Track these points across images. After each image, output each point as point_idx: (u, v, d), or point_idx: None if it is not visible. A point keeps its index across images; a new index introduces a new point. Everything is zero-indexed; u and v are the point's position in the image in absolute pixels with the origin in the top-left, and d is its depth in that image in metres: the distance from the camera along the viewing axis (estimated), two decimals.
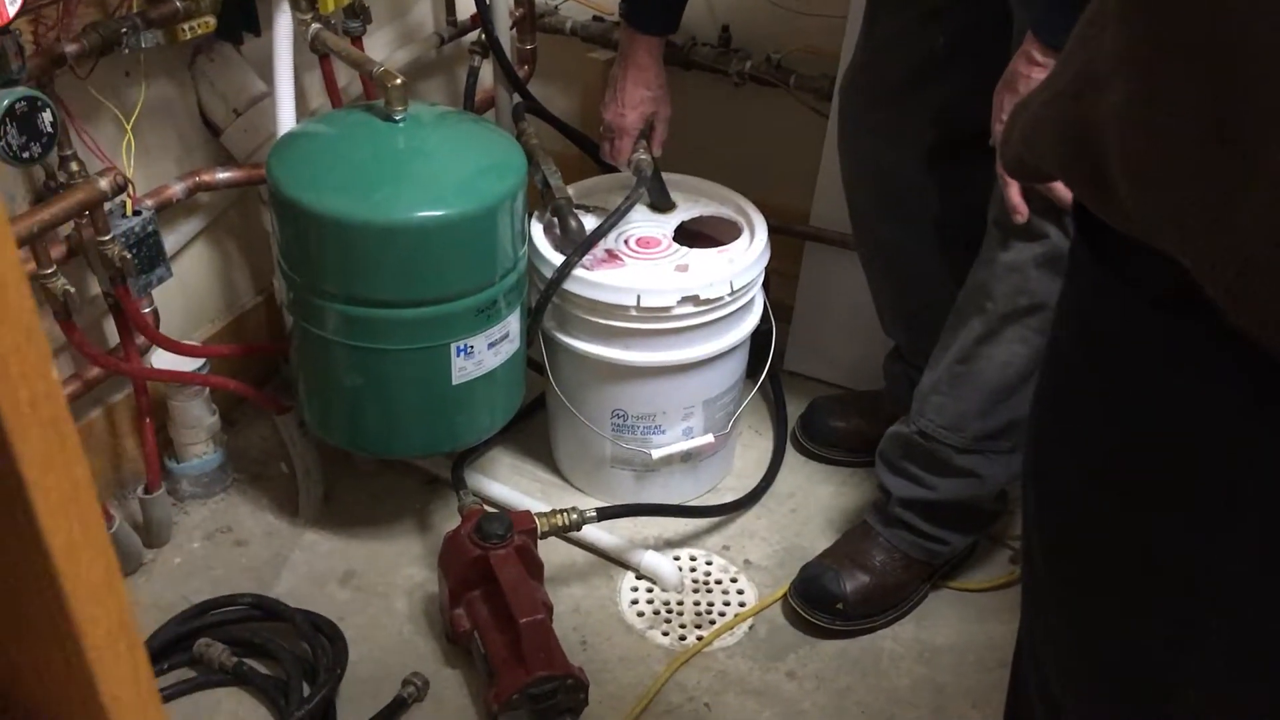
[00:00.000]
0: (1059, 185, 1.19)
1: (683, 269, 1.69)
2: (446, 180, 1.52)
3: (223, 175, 1.77)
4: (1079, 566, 0.76)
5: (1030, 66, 1.29)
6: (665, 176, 1.85)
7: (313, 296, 1.52)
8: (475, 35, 2.08)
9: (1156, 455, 0.66)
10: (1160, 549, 0.68)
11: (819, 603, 1.64)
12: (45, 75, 1.46)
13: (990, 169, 1.37)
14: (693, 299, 1.63)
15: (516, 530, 1.55)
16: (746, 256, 1.70)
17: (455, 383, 1.57)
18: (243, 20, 1.71)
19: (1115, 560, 0.72)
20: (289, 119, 1.64)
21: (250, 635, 1.58)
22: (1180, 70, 0.55)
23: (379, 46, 2.07)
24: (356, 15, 1.85)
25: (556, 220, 1.72)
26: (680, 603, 1.71)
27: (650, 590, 1.72)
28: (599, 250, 1.71)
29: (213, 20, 1.58)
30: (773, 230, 1.84)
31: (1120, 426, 0.68)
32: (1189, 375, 0.63)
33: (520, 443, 1.96)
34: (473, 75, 2.05)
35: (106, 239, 1.48)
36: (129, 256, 1.50)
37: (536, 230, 1.74)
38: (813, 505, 1.88)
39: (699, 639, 1.65)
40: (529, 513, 1.61)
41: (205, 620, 1.59)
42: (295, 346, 1.63)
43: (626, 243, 1.75)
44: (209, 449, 1.81)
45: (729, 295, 1.65)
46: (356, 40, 1.88)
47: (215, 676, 1.55)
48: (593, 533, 1.73)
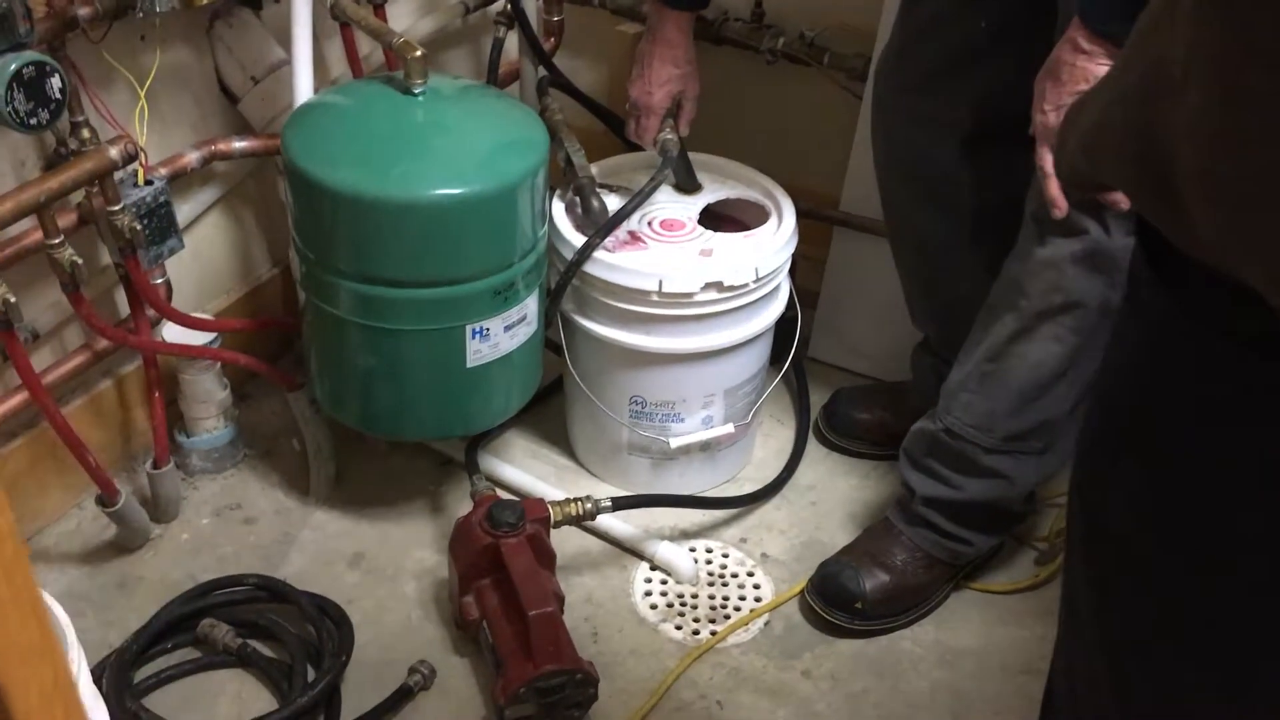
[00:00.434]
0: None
1: (707, 253, 1.64)
2: (466, 157, 1.48)
3: (239, 144, 1.73)
4: (1128, 614, 0.71)
5: (1075, 54, 1.23)
6: (692, 156, 1.80)
7: (325, 273, 1.49)
8: (501, 5, 2.02)
9: (1233, 516, 0.61)
10: (1226, 610, 0.63)
11: (837, 601, 1.60)
12: (57, 39, 1.42)
13: (1029, 159, 1.32)
14: (716, 285, 1.58)
15: (529, 519, 1.51)
16: (773, 242, 1.65)
17: (469, 366, 1.53)
18: None
19: (1171, 615, 0.67)
20: (306, 89, 1.59)
21: (255, 617, 1.55)
22: (1265, 73, 0.49)
23: (402, 15, 2.02)
24: None
25: (579, 200, 1.67)
26: (695, 596, 1.67)
27: (665, 582, 1.68)
28: (621, 232, 1.66)
29: None
30: (801, 214, 1.79)
31: (1192, 482, 0.63)
32: (1274, 427, 0.57)
33: (537, 426, 1.92)
34: (497, 47, 2.00)
35: (117, 209, 1.44)
36: (139, 227, 1.46)
37: (558, 209, 1.69)
38: (834, 499, 1.84)
39: (713, 634, 1.61)
40: (542, 501, 1.57)
41: (210, 600, 1.56)
42: (307, 323, 1.59)
43: (650, 225, 1.70)
44: (220, 424, 1.78)
45: (754, 282, 1.60)
46: (379, 9, 1.84)
47: (219, 658, 1.52)
48: (607, 521, 1.69)
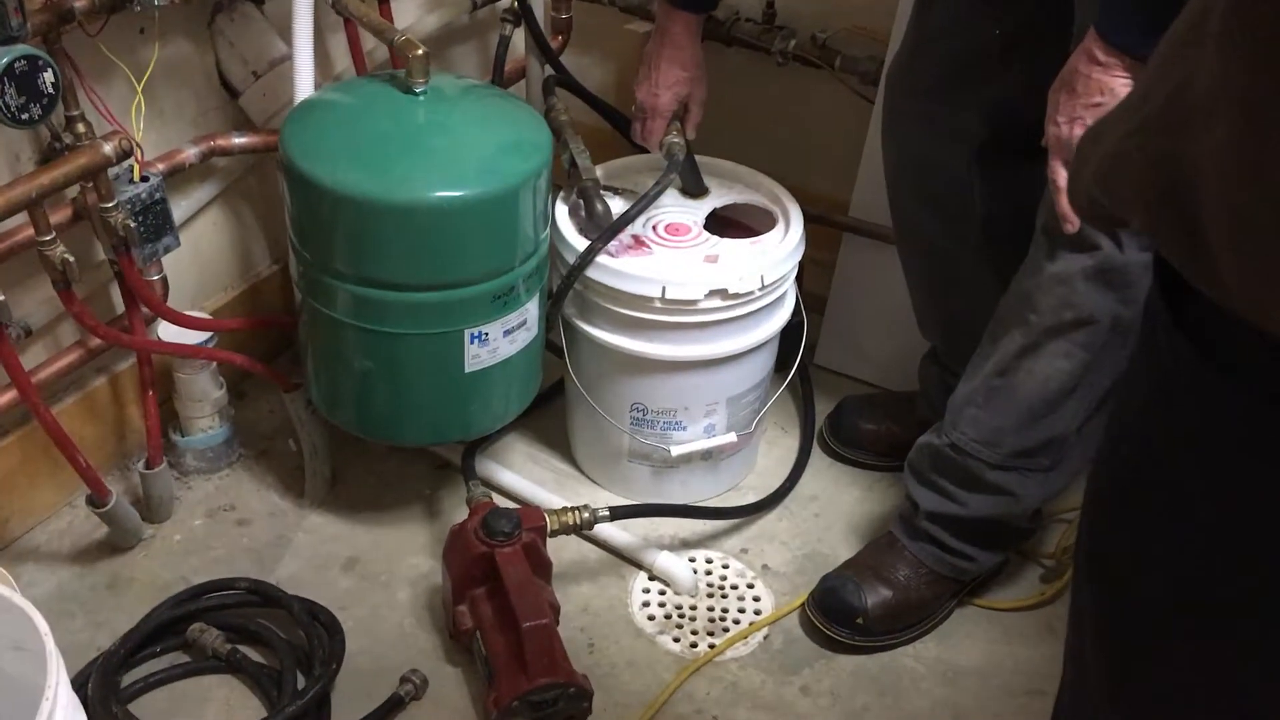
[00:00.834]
0: None
1: (712, 260, 1.61)
2: (467, 158, 1.45)
3: (239, 140, 1.70)
4: (1138, 671, 0.67)
5: (1091, 66, 1.20)
6: (699, 159, 1.76)
7: (323, 275, 1.46)
8: (508, 1, 1.99)
9: (1254, 577, 0.58)
10: (1242, 672, 0.60)
11: (838, 616, 1.57)
12: (52, 32, 1.39)
13: (1042, 170, 1.29)
14: (721, 292, 1.55)
15: (525, 528, 1.48)
16: (780, 250, 1.62)
17: (468, 370, 1.51)
18: None
19: (1184, 678, 0.64)
20: (307, 85, 1.57)
21: (246, 622, 1.53)
22: None
23: (409, 9, 1.99)
24: None
25: (582, 203, 1.64)
26: (693, 607, 1.64)
27: (663, 593, 1.65)
28: (625, 236, 1.63)
29: None
30: (810, 219, 1.76)
31: (1207, 539, 0.59)
32: None
33: (537, 429, 1.89)
34: (503, 44, 1.97)
35: (110, 206, 1.42)
36: (133, 225, 1.44)
37: (561, 212, 1.66)
38: (837, 510, 1.81)
39: (711, 647, 1.58)
40: (539, 509, 1.54)
41: (200, 604, 1.54)
42: (303, 324, 1.56)
43: (655, 229, 1.67)
44: (215, 423, 1.75)
45: (759, 290, 1.57)
46: (384, 3, 1.81)
47: (208, 663, 1.50)
48: (606, 529, 1.67)
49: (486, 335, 1.49)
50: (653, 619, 1.62)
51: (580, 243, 1.59)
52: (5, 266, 1.47)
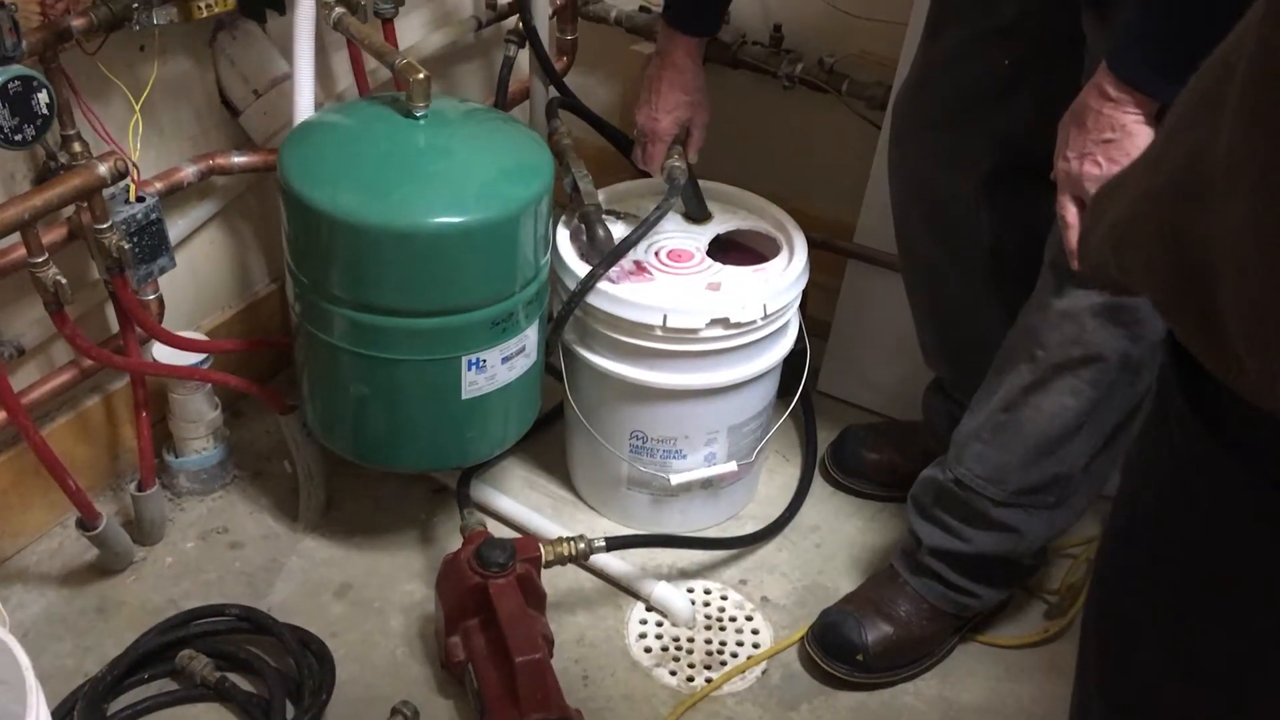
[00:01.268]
0: None
1: (714, 287, 1.59)
2: (467, 183, 1.43)
3: (238, 159, 1.69)
4: None
5: (1102, 101, 1.18)
6: (703, 184, 1.74)
7: (319, 299, 1.44)
8: (513, 21, 1.97)
9: (1273, 670, 0.55)
10: None
11: (838, 652, 1.55)
12: (49, 50, 1.37)
13: (1050, 203, 1.26)
14: (722, 321, 1.53)
15: (519, 558, 1.46)
16: (783, 278, 1.60)
17: (465, 397, 1.49)
18: None
19: None
20: (307, 106, 1.55)
21: (235, 649, 1.50)
22: None
23: (414, 28, 1.97)
24: None
25: (584, 227, 1.62)
26: (691, 640, 1.61)
27: (660, 624, 1.63)
28: (627, 262, 1.61)
29: None
30: (815, 245, 1.74)
31: (1220, 626, 0.57)
32: None
33: (536, 454, 1.86)
34: (507, 65, 1.95)
35: (104, 227, 1.40)
36: (127, 247, 1.42)
37: (562, 237, 1.64)
38: (838, 541, 1.78)
39: (708, 681, 1.56)
40: (534, 539, 1.52)
41: (190, 630, 1.51)
42: (299, 347, 1.54)
43: (657, 255, 1.65)
44: (209, 444, 1.73)
45: (761, 319, 1.55)
46: (388, 23, 1.79)
47: (196, 690, 1.47)
48: (603, 558, 1.64)
49: (484, 362, 1.47)
50: (649, 651, 1.59)
51: (581, 268, 1.57)
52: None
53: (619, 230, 1.64)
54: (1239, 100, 0.46)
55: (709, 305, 1.53)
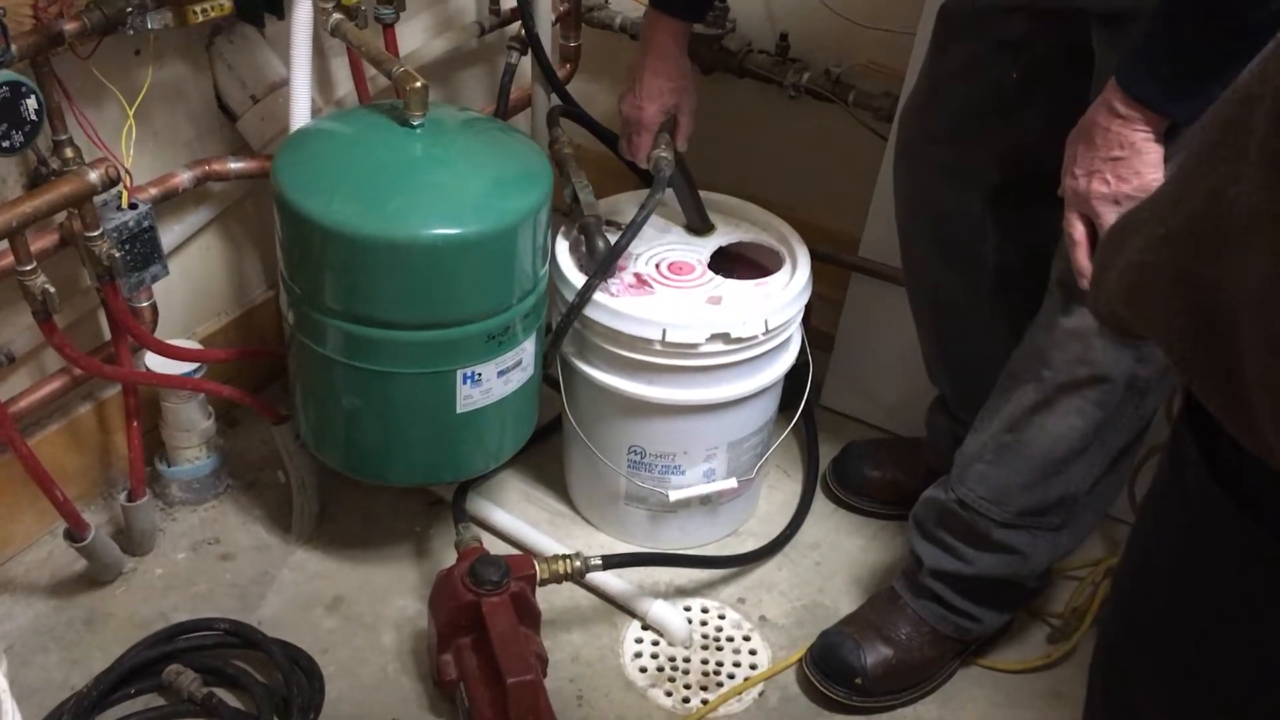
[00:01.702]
0: None
1: (715, 301, 1.56)
2: (464, 194, 1.40)
3: (235, 165, 1.67)
4: None
5: (1111, 118, 1.15)
6: (706, 195, 1.72)
7: (312, 310, 1.41)
8: (517, 28, 1.95)
9: None
10: None
11: (836, 675, 1.52)
12: (40, 55, 1.35)
13: (1057, 220, 1.24)
14: (723, 336, 1.50)
15: (514, 576, 1.43)
16: (785, 293, 1.57)
17: (460, 411, 1.46)
18: (265, 1, 1.59)
19: None
20: (303, 113, 1.53)
21: (223, 664, 1.48)
22: None
23: (416, 33, 1.95)
24: (389, 1, 1.72)
25: (583, 239, 1.59)
26: (687, 660, 1.58)
27: (656, 643, 1.60)
28: (627, 275, 1.59)
29: (228, 2, 1.47)
30: (819, 258, 1.71)
31: (1228, 698, 0.54)
32: None
33: (534, 466, 1.84)
34: (509, 72, 1.92)
35: (95, 235, 1.38)
36: (118, 255, 1.39)
37: (562, 248, 1.61)
38: (839, 559, 1.75)
39: (704, 703, 1.53)
40: (528, 557, 1.49)
41: (177, 645, 1.49)
42: (292, 358, 1.52)
43: (658, 268, 1.62)
44: (202, 454, 1.71)
45: (763, 334, 1.52)
46: (389, 28, 1.77)
47: (183, 707, 1.45)
48: (599, 575, 1.61)
49: (480, 376, 1.45)
50: (644, 671, 1.57)
51: (581, 280, 1.54)
52: None
53: None
54: (1262, 140, 0.42)
55: (709, 320, 1.51)
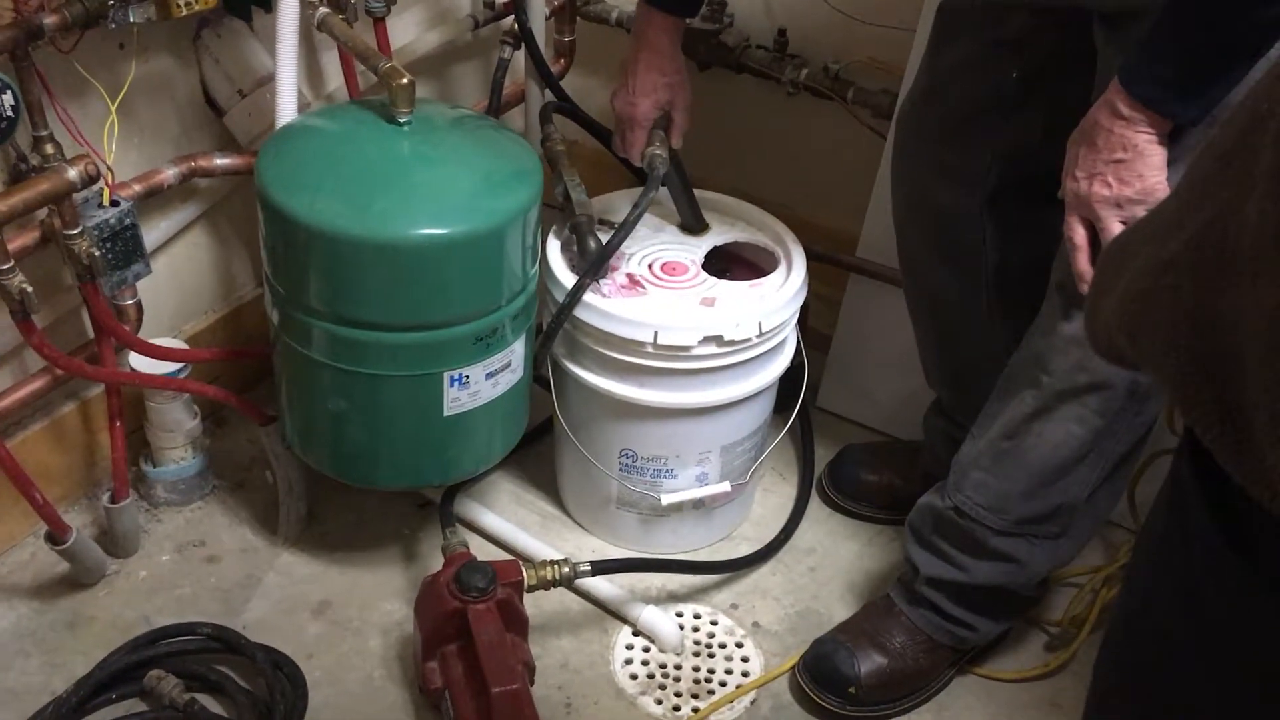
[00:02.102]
0: None
1: (708, 303, 1.53)
2: (452, 194, 1.37)
3: (221, 161, 1.64)
4: None
5: (1113, 120, 1.12)
6: (701, 194, 1.69)
7: (297, 311, 1.39)
8: (512, 22, 1.92)
9: None
10: None
11: (829, 684, 1.49)
12: (20, 49, 1.33)
13: (1058, 222, 1.21)
14: (715, 339, 1.47)
15: (500, 582, 1.40)
16: (779, 295, 1.54)
17: (447, 414, 1.43)
18: None
19: None
20: (289, 110, 1.49)
21: (206, 670, 1.46)
22: None
23: (408, 26, 1.92)
24: None
25: (575, 239, 1.56)
26: (678, 666, 1.56)
27: (647, 650, 1.57)
28: (619, 275, 1.56)
29: None
30: (816, 258, 1.68)
31: None
32: None
33: (525, 467, 1.81)
34: (502, 67, 1.89)
35: (74, 234, 1.35)
36: (98, 254, 1.37)
37: (553, 248, 1.58)
38: (834, 565, 1.72)
39: (695, 710, 1.50)
40: (515, 563, 1.46)
41: (159, 649, 1.47)
42: (277, 359, 1.49)
43: (650, 268, 1.59)
44: (188, 454, 1.68)
45: (756, 337, 1.49)
46: (380, 22, 1.74)
47: (165, 712, 1.42)
48: (589, 579, 1.58)
49: (467, 378, 1.42)
50: (635, 678, 1.54)
51: (572, 280, 1.52)
52: None
53: None
54: (1272, 161, 0.39)
55: (702, 322, 1.48)
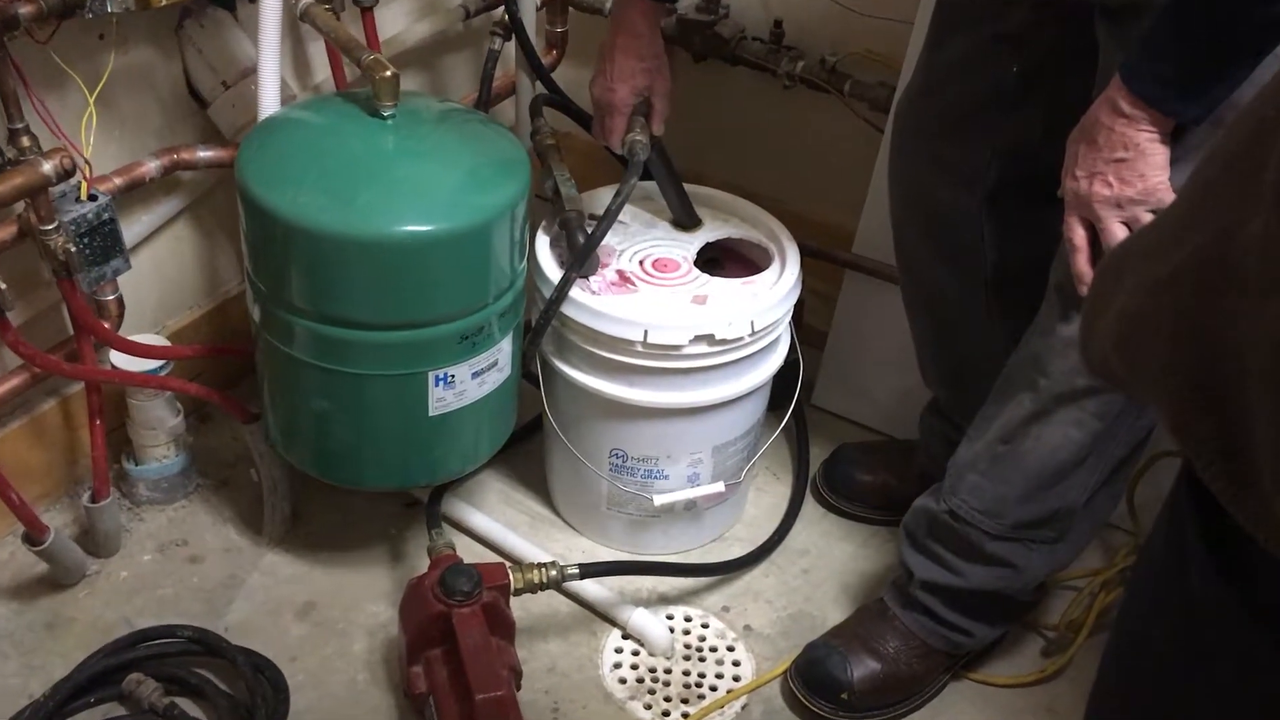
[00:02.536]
0: None
1: (700, 300, 1.50)
2: (437, 189, 1.34)
3: (204, 154, 1.61)
4: None
5: (1114, 117, 1.09)
6: (694, 189, 1.66)
7: (278, 309, 1.36)
8: (501, 12, 1.88)
9: None
10: None
11: (822, 689, 1.46)
12: None
13: (1057, 221, 1.18)
14: (707, 338, 1.44)
15: (486, 586, 1.38)
16: (773, 293, 1.51)
17: (432, 414, 1.40)
18: None
19: None
20: (272, 102, 1.46)
21: (186, 673, 1.43)
22: None
23: (398, 16, 1.89)
24: None
25: (564, 234, 1.53)
26: (668, 671, 1.53)
27: (636, 653, 1.55)
28: (609, 272, 1.53)
29: None
30: (812, 254, 1.66)
31: None
32: None
33: (515, 466, 1.78)
34: (492, 58, 1.86)
35: (50, 229, 1.32)
36: (74, 250, 1.34)
37: (542, 244, 1.55)
38: (828, 566, 1.69)
39: (684, 716, 1.48)
40: (502, 566, 1.43)
41: (138, 652, 1.44)
42: (259, 357, 1.46)
43: (642, 264, 1.56)
44: (170, 452, 1.65)
45: (749, 336, 1.46)
46: (368, 11, 1.70)
47: (143, 717, 1.39)
48: (578, 581, 1.55)
49: (453, 377, 1.39)
50: (624, 682, 1.51)
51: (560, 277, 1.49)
52: None
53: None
54: (1278, 177, 0.36)
55: (693, 320, 1.45)
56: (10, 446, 1.56)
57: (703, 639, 1.58)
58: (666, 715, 1.48)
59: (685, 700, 1.50)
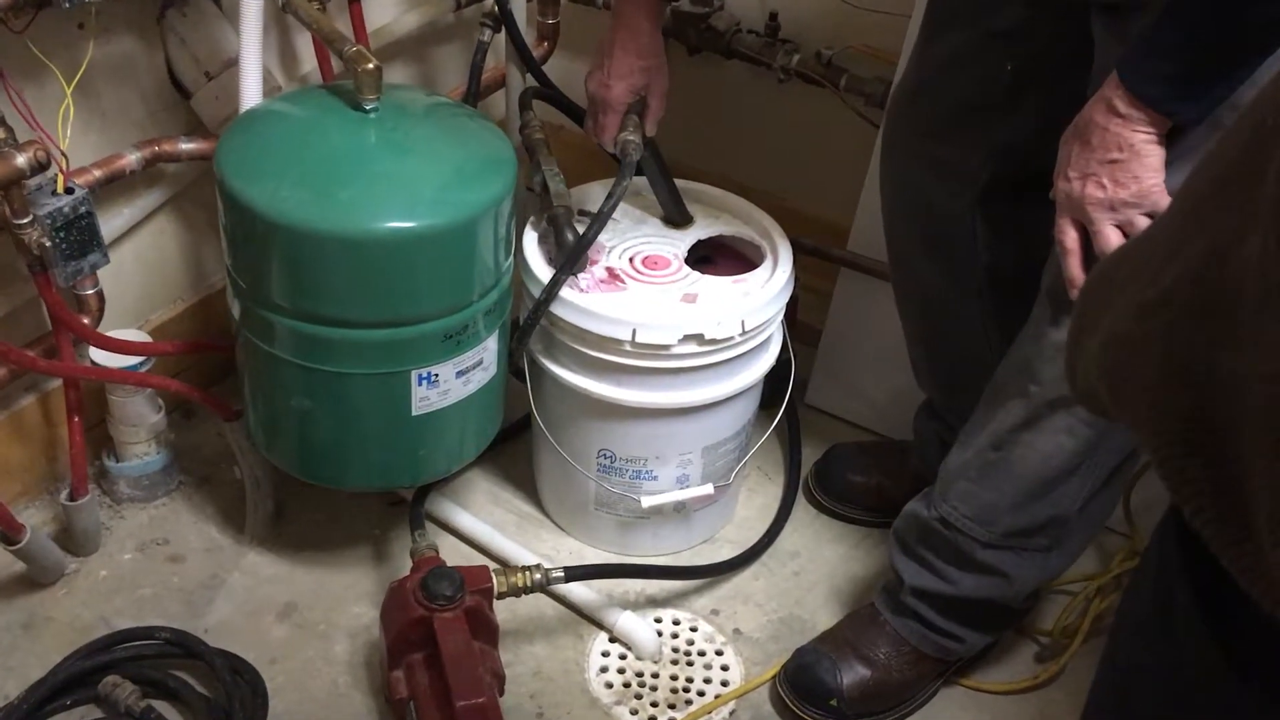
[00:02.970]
0: None
1: (690, 299, 1.48)
2: (421, 184, 1.31)
3: (186, 146, 1.58)
4: None
5: (1109, 117, 1.07)
6: (686, 185, 1.63)
7: (258, 306, 1.33)
8: (492, 3, 1.85)
9: None
10: None
11: (811, 696, 1.44)
12: None
13: (1052, 217, 1.15)
14: (697, 338, 1.42)
15: (469, 589, 1.35)
16: (764, 292, 1.48)
17: (415, 413, 1.38)
18: None
19: None
20: (254, 94, 1.43)
21: (164, 676, 1.40)
22: None
23: (387, 8, 1.86)
24: None
25: (552, 231, 1.50)
26: (655, 675, 1.51)
27: (624, 657, 1.52)
28: (599, 269, 1.50)
29: None
30: (805, 252, 1.63)
31: None
32: None
33: (502, 465, 1.76)
34: (481, 50, 1.82)
35: (24, 223, 1.29)
36: (48, 244, 1.31)
37: (530, 240, 1.53)
38: (819, 569, 1.67)
39: None
40: (485, 569, 1.41)
41: (115, 654, 1.41)
42: (240, 355, 1.43)
43: (631, 262, 1.53)
44: (151, 449, 1.63)
45: (739, 335, 1.44)
46: (355, 1, 1.68)
47: None
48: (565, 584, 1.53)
49: (436, 376, 1.36)
50: (610, 687, 1.49)
51: (549, 274, 1.46)
52: None
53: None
54: (1276, 192, 0.33)
55: (682, 320, 1.42)
56: None
57: (691, 642, 1.55)
58: None
59: (672, 705, 1.47)
